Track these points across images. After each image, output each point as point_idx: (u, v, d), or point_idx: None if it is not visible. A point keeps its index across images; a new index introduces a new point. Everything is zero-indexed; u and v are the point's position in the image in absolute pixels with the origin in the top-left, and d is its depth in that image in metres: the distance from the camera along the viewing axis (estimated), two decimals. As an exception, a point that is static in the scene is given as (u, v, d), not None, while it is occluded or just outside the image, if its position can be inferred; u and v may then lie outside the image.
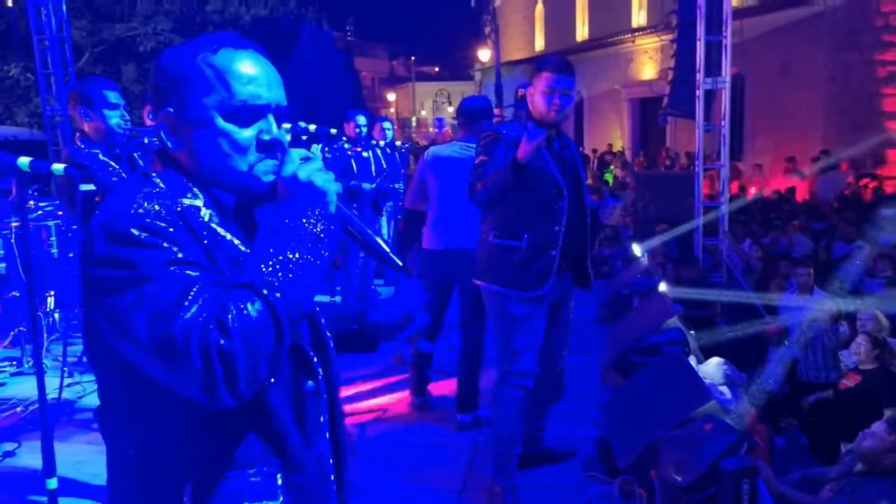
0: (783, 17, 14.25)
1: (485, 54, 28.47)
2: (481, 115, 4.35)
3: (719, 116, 7.13)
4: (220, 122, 1.25)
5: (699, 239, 7.16)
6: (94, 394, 4.03)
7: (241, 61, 1.27)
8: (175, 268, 1.13)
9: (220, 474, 1.24)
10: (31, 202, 4.92)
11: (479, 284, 3.48)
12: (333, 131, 4.67)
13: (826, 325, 5.27)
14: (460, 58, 42.00)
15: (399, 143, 7.36)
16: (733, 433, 2.79)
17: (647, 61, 19.47)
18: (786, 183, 11.85)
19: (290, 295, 1.15)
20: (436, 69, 52.22)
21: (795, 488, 3.48)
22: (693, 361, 4.32)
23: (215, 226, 1.25)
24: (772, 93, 14.76)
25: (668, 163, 16.04)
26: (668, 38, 10.75)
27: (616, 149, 20.08)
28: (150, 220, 1.15)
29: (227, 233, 1.26)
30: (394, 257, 1.34)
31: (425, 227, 4.50)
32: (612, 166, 17.47)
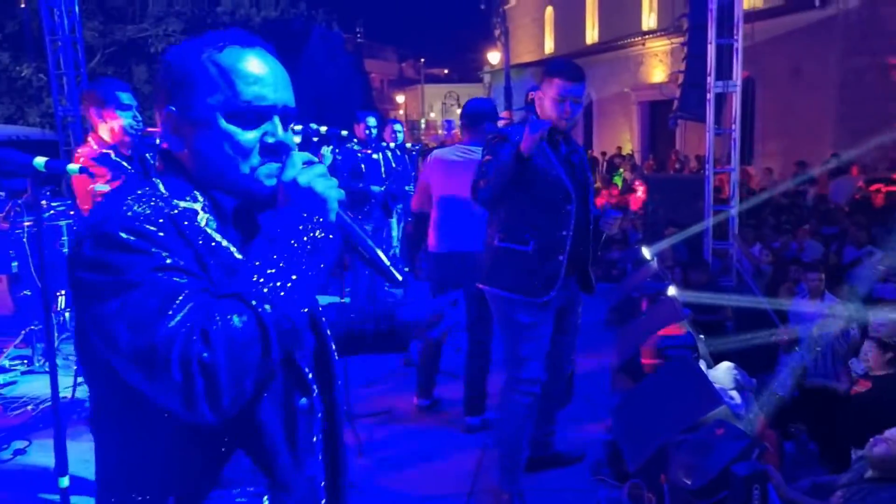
0: (795, 21, 14.21)
1: (494, 56, 28.52)
2: (484, 118, 4.32)
3: (730, 120, 7.11)
4: (223, 123, 1.21)
5: (709, 242, 7.15)
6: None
7: (248, 60, 1.22)
8: (162, 274, 1.08)
9: (205, 493, 1.18)
10: (44, 202, 4.96)
11: (484, 289, 3.43)
12: (344, 133, 4.67)
13: (837, 330, 5.24)
14: (469, 60, 42.07)
15: (409, 146, 7.36)
16: (745, 438, 2.78)
17: (657, 64, 19.44)
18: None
19: (282, 307, 1.08)
20: (445, 71, 52.28)
21: (806, 495, 3.46)
22: (703, 366, 4.30)
23: (211, 231, 1.20)
24: (783, 96, 14.72)
25: (677, 166, 16.02)
26: (679, 41, 10.74)
27: (625, 152, 20.08)
28: (139, 224, 1.10)
29: (224, 239, 1.21)
30: (394, 271, 1.27)
31: (430, 229, 4.49)
32: (621, 169, 17.47)
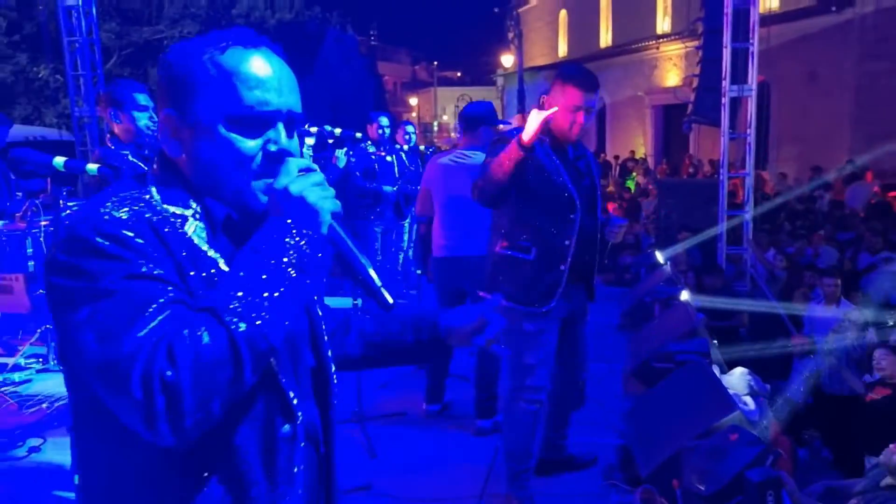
0: (811, 25, 14.13)
1: (508, 60, 28.52)
2: (480, 121, 4.31)
3: (745, 124, 7.08)
4: (223, 129, 1.13)
5: (723, 247, 7.11)
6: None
7: (251, 62, 1.14)
8: (136, 282, 1.01)
9: None
10: (61, 201, 5.00)
11: (485, 297, 3.38)
12: (359, 135, 4.69)
13: (853, 336, 5.20)
14: (483, 63, 42.13)
15: (423, 148, 7.38)
16: (759, 444, 2.76)
17: (671, 68, 19.37)
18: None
19: (258, 325, 1.01)
20: (458, 74, 52.36)
21: (820, 500, 3.43)
22: (716, 371, 4.27)
23: (198, 240, 1.12)
24: (798, 101, 14.63)
25: (691, 170, 15.94)
26: (693, 44, 10.70)
27: (638, 156, 20.02)
28: (116, 229, 1.04)
29: (212, 249, 1.13)
30: (385, 294, 1.18)
31: (433, 234, 4.51)
32: (634, 173, 17.42)
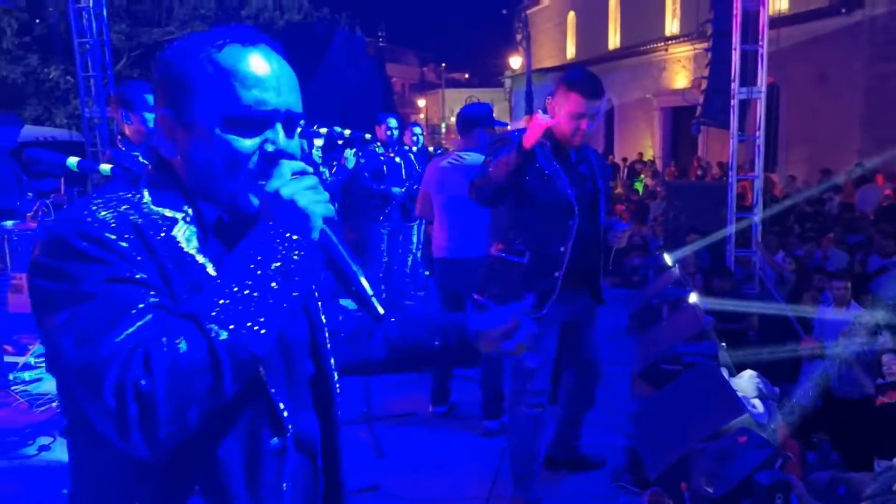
0: (820, 27, 14.08)
1: (516, 61, 28.51)
2: (476, 123, 4.34)
3: (754, 126, 7.05)
4: (219, 130, 1.10)
5: (731, 250, 7.08)
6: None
7: (249, 61, 1.11)
8: (117, 286, 0.99)
9: None
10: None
11: (479, 300, 3.34)
12: (368, 136, 4.72)
13: (863, 339, 5.17)
14: (490, 65, 42.13)
15: (432, 149, 7.39)
16: (768, 447, 2.75)
17: (679, 70, 19.33)
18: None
19: (241, 334, 0.97)
20: (466, 76, 52.39)
21: (825, 490, 3.41)
22: (725, 374, 4.26)
23: (185, 244, 1.09)
24: (807, 103, 14.57)
25: (699, 172, 15.90)
26: (702, 46, 10.66)
27: (647, 158, 19.98)
28: (98, 231, 1.02)
29: (201, 254, 1.09)
30: (375, 303, 1.12)
31: (433, 236, 4.56)
32: (642, 175, 17.39)
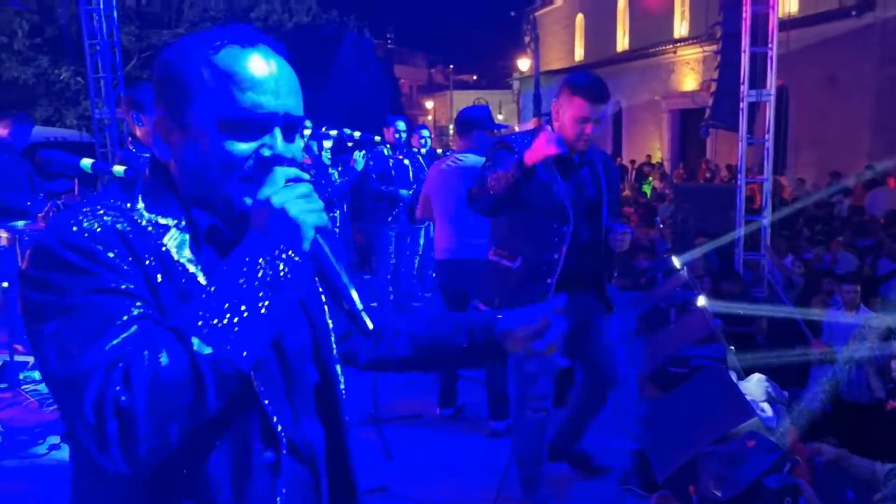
0: (830, 29, 14.02)
1: (524, 63, 28.50)
2: (474, 125, 4.36)
3: (763, 129, 7.03)
4: (215, 133, 1.07)
5: (740, 253, 7.06)
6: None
7: (246, 62, 1.07)
8: (102, 297, 0.97)
9: None
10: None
11: (479, 306, 3.32)
12: (377, 139, 4.74)
13: (873, 343, 5.15)
14: (498, 67, 42.13)
15: (440, 152, 7.40)
16: (777, 451, 2.75)
17: (688, 72, 19.29)
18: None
19: (227, 348, 0.95)
20: (474, 77, 52.38)
21: (826, 469, 3.37)
22: (733, 377, 4.25)
23: (176, 252, 1.06)
24: (817, 106, 14.52)
25: (708, 175, 15.86)
26: (711, 49, 10.66)
27: (655, 160, 19.94)
28: (84, 240, 0.99)
29: (191, 262, 1.07)
30: (365, 317, 1.08)
31: (435, 238, 4.61)
32: (650, 178, 17.36)
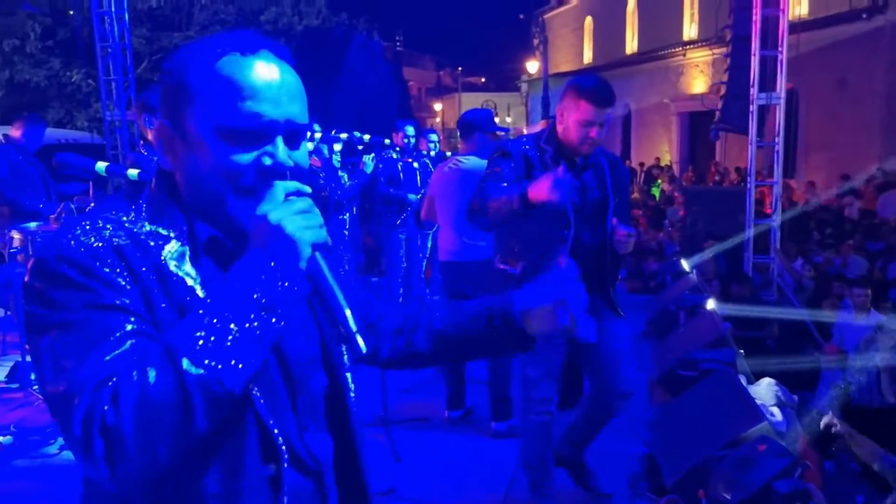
0: (841, 32, 13.96)
1: (532, 66, 28.49)
2: (475, 128, 4.41)
3: (773, 132, 7.01)
4: (215, 143, 1.05)
5: (749, 256, 7.04)
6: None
7: (247, 70, 1.05)
8: (96, 313, 0.96)
9: None
10: (93, 204, 5.12)
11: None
12: (387, 142, 4.76)
13: (885, 347, 5.13)
14: (507, 69, 42.16)
15: (449, 154, 7.40)
16: (788, 456, 2.74)
17: (697, 75, 19.24)
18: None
19: (217, 368, 0.92)
20: (482, 80, 52.41)
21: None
22: (743, 381, 4.24)
23: (174, 265, 1.05)
24: (827, 109, 14.47)
25: (717, 178, 15.81)
26: (721, 51, 10.62)
27: (664, 163, 19.89)
28: (80, 255, 0.99)
29: (190, 275, 1.05)
30: (358, 339, 1.04)
31: (438, 240, 4.66)
32: (659, 181, 17.32)
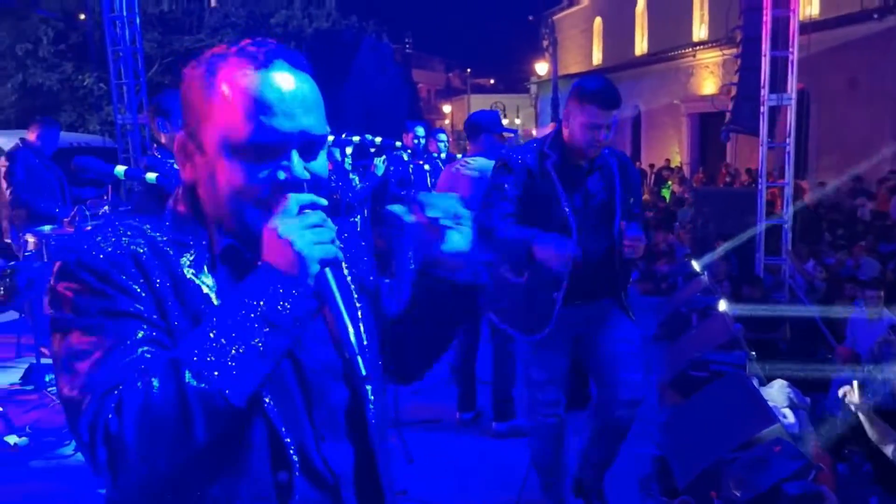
0: (852, 32, 13.88)
1: (542, 67, 28.45)
2: (482, 129, 4.43)
3: (784, 133, 6.98)
4: (228, 157, 1.04)
5: (761, 258, 7.01)
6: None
7: (260, 85, 1.04)
8: (110, 321, 0.98)
9: None
10: (106, 207, 5.15)
11: (493, 319, 3.33)
12: (399, 144, 4.77)
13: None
14: (516, 70, 42.16)
15: (459, 156, 7.41)
16: (801, 459, 2.73)
17: (707, 76, 19.18)
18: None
19: (219, 382, 0.92)
20: (491, 81, 52.42)
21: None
22: (755, 383, 4.23)
23: (191, 272, 1.06)
24: (838, 109, 14.38)
25: (728, 179, 15.76)
26: (731, 52, 10.60)
27: (674, 164, 19.84)
28: (98, 262, 1.01)
29: (205, 283, 1.06)
30: (359, 361, 1.02)
31: None
32: (669, 182, 17.27)
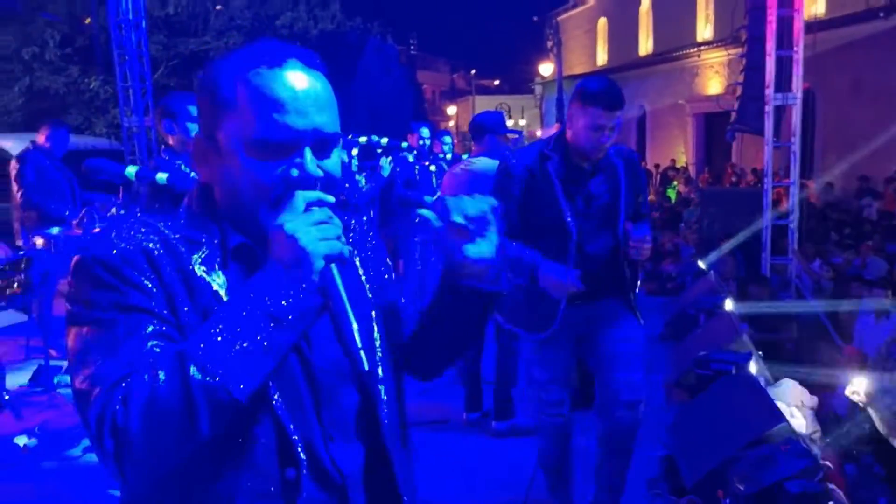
0: (857, 31, 13.84)
1: (546, 68, 28.43)
2: (486, 130, 4.46)
3: (789, 133, 6.97)
4: (242, 155, 1.07)
5: (767, 257, 7.00)
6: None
7: (273, 83, 1.06)
8: (122, 315, 1.00)
9: None
10: (114, 209, 5.17)
11: (500, 321, 3.35)
12: (405, 145, 4.78)
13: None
14: (520, 71, 42.14)
15: (465, 157, 7.43)
16: (808, 457, 2.73)
17: (712, 76, 19.15)
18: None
19: (222, 377, 0.94)
20: (496, 82, 52.42)
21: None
22: (762, 383, 4.23)
23: (202, 269, 1.07)
24: (844, 109, 14.35)
25: (733, 179, 15.73)
26: (736, 52, 10.57)
27: (679, 164, 19.81)
28: (112, 258, 1.03)
29: (216, 280, 1.08)
30: (363, 358, 1.01)
31: None
32: (674, 182, 17.25)
